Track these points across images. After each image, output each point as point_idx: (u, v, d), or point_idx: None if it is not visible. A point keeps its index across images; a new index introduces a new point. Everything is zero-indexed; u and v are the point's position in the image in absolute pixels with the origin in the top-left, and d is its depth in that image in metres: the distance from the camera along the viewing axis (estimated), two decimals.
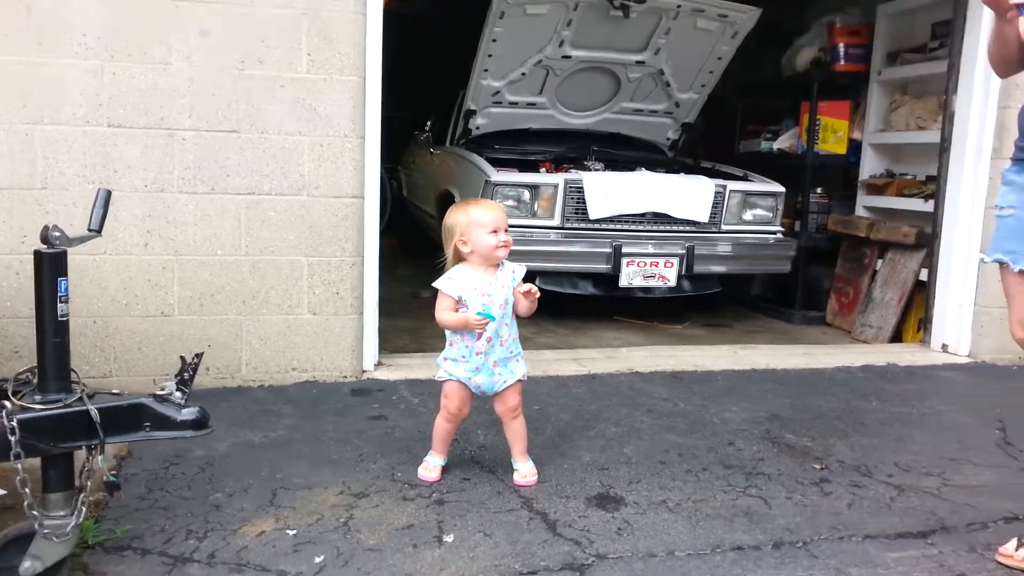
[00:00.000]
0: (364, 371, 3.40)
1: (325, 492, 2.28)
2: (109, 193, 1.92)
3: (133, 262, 3.08)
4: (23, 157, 2.94)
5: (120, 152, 3.03)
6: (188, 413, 1.85)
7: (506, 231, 2.29)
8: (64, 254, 1.81)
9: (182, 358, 1.91)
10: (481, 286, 2.28)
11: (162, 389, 1.88)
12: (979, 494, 2.41)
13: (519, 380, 2.38)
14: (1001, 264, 2.12)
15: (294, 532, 2.04)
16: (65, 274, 1.80)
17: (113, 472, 2.03)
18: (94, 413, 1.73)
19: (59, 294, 1.79)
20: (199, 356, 1.90)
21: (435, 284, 2.31)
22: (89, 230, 1.88)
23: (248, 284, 3.20)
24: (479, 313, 2.25)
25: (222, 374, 3.20)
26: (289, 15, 3.10)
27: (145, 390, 1.87)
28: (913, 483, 2.48)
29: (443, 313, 2.30)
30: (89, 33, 2.95)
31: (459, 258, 2.32)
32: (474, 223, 2.26)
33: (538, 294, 2.33)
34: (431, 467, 2.42)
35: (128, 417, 1.81)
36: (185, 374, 1.88)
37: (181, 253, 3.13)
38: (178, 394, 1.87)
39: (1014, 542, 2.00)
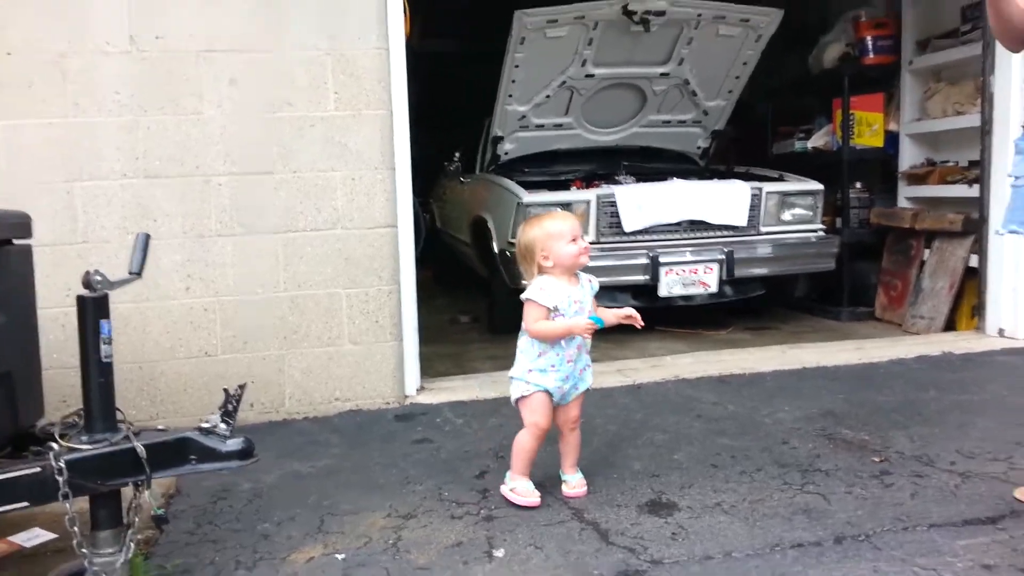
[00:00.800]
0: (407, 396, 3.41)
1: (373, 515, 2.27)
2: (148, 236, 1.96)
3: (175, 306, 3.15)
4: (64, 214, 3.04)
5: (158, 202, 3.12)
6: (233, 444, 1.87)
7: (583, 237, 2.28)
8: (106, 297, 1.84)
9: (225, 390, 1.93)
10: (573, 294, 2.27)
11: (206, 422, 1.90)
12: None
13: (587, 389, 2.38)
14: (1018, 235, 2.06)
15: (343, 556, 2.04)
16: (107, 316, 1.84)
17: (161, 508, 2.05)
18: (140, 449, 1.75)
19: (102, 335, 1.83)
20: (242, 387, 1.92)
21: (527, 295, 2.26)
22: (130, 273, 1.92)
23: (288, 319, 3.24)
24: (592, 318, 2.22)
25: (266, 408, 3.24)
26: (314, 56, 3.18)
27: None
28: (978, 469, 2.38)
29: (541, 323, 2.24)
30: (122, 91, 3.06)
31: (540, 273, 2.30)
32: (553, 235, 2.25)
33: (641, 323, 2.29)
34: (529, 491, 2.30)
35: (174, 451, 1.84)
36: (229, 406, 1.90)
37: (221, 294, 3.19)
38: (223, 426, 1.89)
39: None
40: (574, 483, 2.38)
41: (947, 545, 1.92)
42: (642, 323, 2.29)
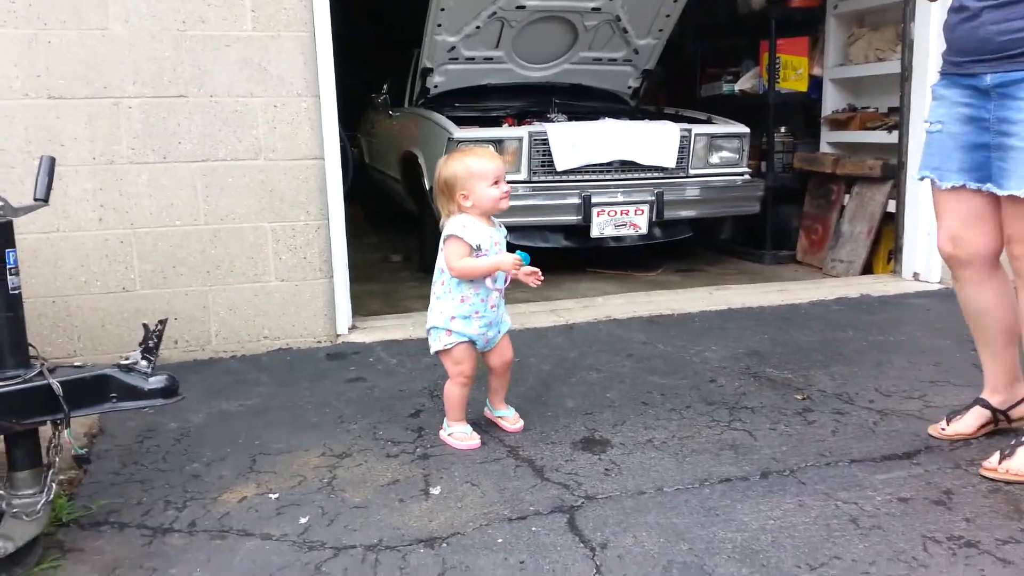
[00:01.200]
0: (339, 335, 3.34)
1: (306, 455, 2.23)
2: (53, 160, 1.82)
3: (88, 238, 2.97)
4: None
5: (64, 125, 2.90)
6: (156, 381, 1.79)
7: (505, 180, 2.20)
8: (10, 224, 1.72)
9: (145, 326, 1.83)
10: (494, 235, 2.21)
11: (127, 359, 1.81)
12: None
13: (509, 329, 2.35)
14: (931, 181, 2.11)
15: (276, 495, 1.99)
16: (13, 245, 1.72)
17: (83, 448, 1.95)
18: (56, 386, 1.66)
19: (8, 266, 1.71)
20: (163, 323, 1.83)
21: (449, 231, 2.16)
22: (35, 199, 1.79)
23: (211, 253, 3.10)
24: (519, 253, 2.15)
25: (191, 347, 3.12)
26: None
27: None
28: (895, 407, 2.49)
29: (465, 261, 2.13)
30: (19, 2, 2.80)
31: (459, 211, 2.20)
32: (475, 175, 2.14)
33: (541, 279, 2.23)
34: (468, 434, 2.28)
35: (93, 389, 1.75)
36: (150, 342, 1.81)
37: (137, 225, 3.02)
38: (144, 363, 1.80)
39: (997, 455, 2.02)
40: (512, 417, 2.39)
41: (867, 479, 2.02)
42: (539, 282, 2.22)
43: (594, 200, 4.42)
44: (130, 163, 2.99)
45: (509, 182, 4.40)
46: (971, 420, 2.21)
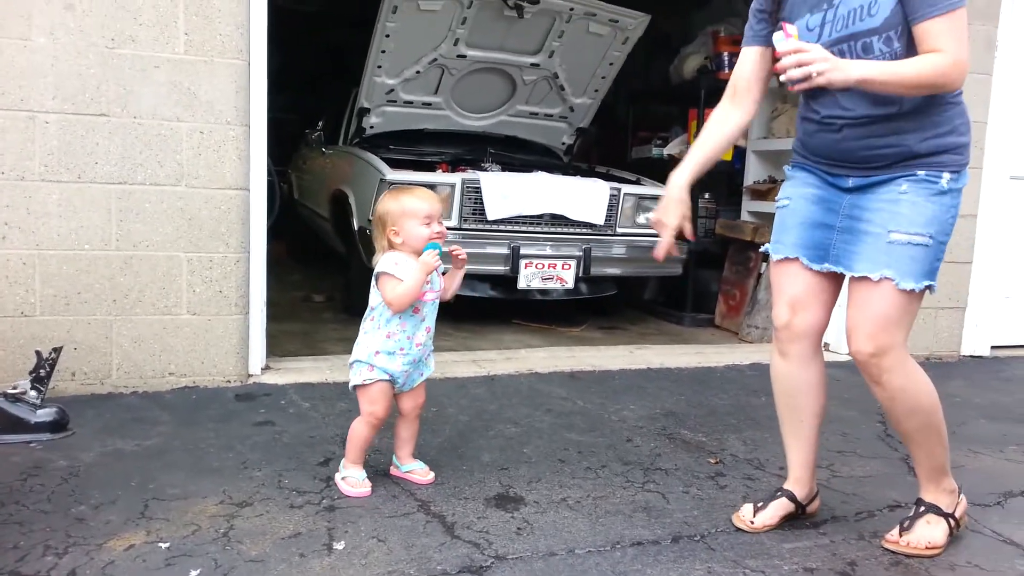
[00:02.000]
0: (250, 375, 3.21)
1: (204, 502, 2.11)
2: None
3: None
4: None
5: None
6: (45, 414, 1.68)
7: (439, 221, 2.19)
8: None
9: (38, 353, 1.72)
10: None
11: (14, 387, 1.69)
12: (865, 484, 2.49)
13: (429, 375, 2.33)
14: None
15: (167, 545, 1.87)
16: None
17: None
18: None
19: None
20: (57, 351, 1.72)
21: (381, 268, 2.15)
22: None
23: (119, 281, 2.96)
24: (427, 248, 2.12)
25: (90, 379, 2.95)
26: None
27: None
28: None
29: (398, 288, 2.12)
30: None
31: (391, 248, 2.20)
32: (407, 213, 2.15)
33: (465, 257, 2.27)
34: (360, 481, 2.22)
35: None
36: (41, 370, 1.71)
37: (43, 247, 2.86)
38: (33, 393, 1.69)
39: (897, 528, 2.07)
40: (422, 470, 2.34)
41: (775, 548, 2.03)
42: (464, 256, 2.26)
43: (523, 251, 4.44)
44: (42, 180, 2.84)
45: None
46: (775, 511, 2.13)
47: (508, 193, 4.47)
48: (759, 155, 5.51)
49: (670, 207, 2.07)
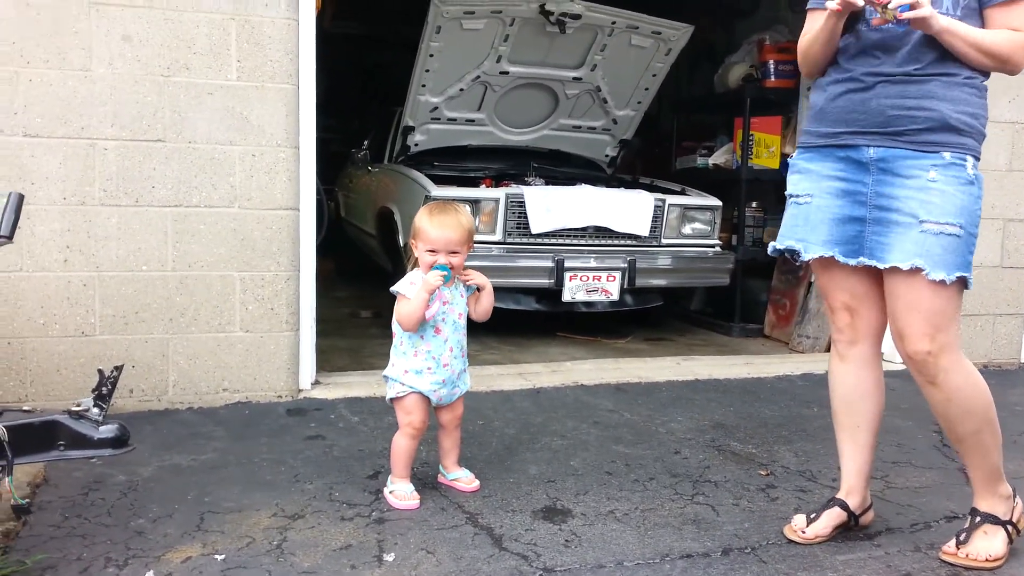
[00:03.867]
0: (301, 390, 3.28)
1: (257, 515, 2.16)
2: (21, 196, 1.80)
3: (51, 279, 2.91)
4: None
5: (37, 163, 2.87)
6: (107, 430, 1.74)
7: (455, 251, 2.20)
8: None
9: (100, 371, 1.78)
10: (442, 293, 2.22)
11: (78, 405, 1.76)
12: (920, 495, 2.43)
13: (467, 390, 2.37)
14: (792, 253, 2.05)
15: (223, 557, 1.92)
16: None
17: (24, 498, 1.87)
18: (0, 431, 1.60)
19: None
20: (119, 369, 1.78)
21: (395, 288, 2.21)
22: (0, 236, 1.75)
23: (175, 301, 3.05)
24: (435, 268, 2.16)
25: (147, 396, 3.04)
26: (216, 20, 3.00)
27: None
28: None
29: (400, 307, 2.18)
30: (2, 39, 2.80)
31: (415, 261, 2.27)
32: (421, 236, 2.21)
33: (480, 282, 2.27)
34: (408, 494, 2.25)
35: (40, 435, 1.70)
36: (103, 388, 1.77)
37: (103, 269, 2.97)
38: (95, 410, 1.75)
39: (954, 540, 2.01)
40: (467, 478, 2.37)
41: (827, 560, 1.99)
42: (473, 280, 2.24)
43: (567, 264, 4.44)
44: (101, 205, 2.95)
45: (484, 243, 4.49)
46: (828, 521, 2.09)
47: (552, 206, 4.49)
48: None
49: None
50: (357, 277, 6.52)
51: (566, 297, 4.47)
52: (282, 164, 3.13)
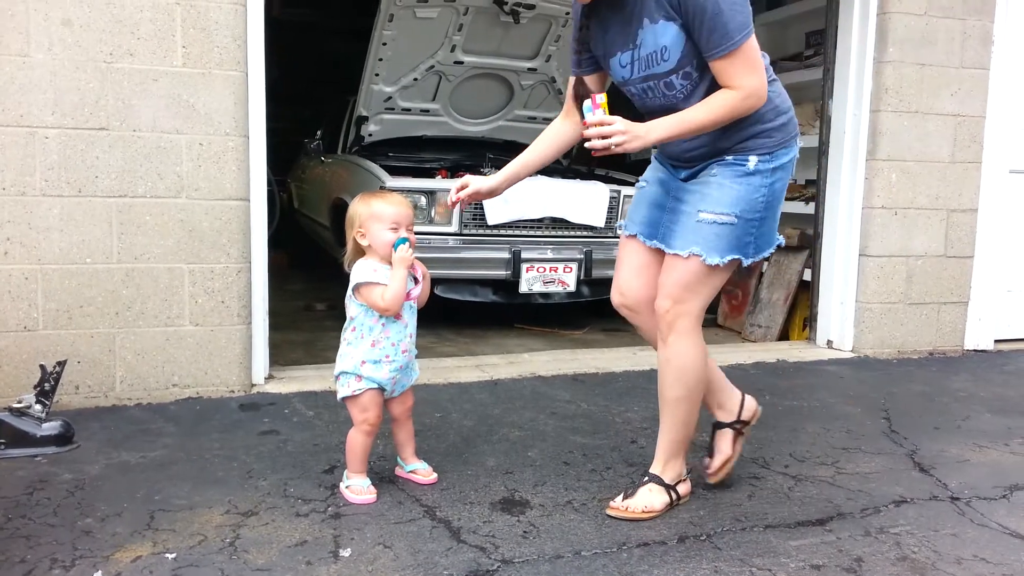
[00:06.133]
0: (254, 385, 3.22)
1: (209, 512, 2.11)
2: None
3: None
4: None
5: None
6: (50, 427, 1.68)
7: (409, 228, 2.19)
8: None
9: (42, 367, 1.73)
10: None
11: (19, 402, 1.70)
12: (871, 480, 2.48)
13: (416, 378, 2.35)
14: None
15: (174, 555, 1.87)
16: None
17: None
18: None
19: None
20: (61, 364, 1.73)
21: (360, 280, 2.16)
22: None
23: (121, 294, 2.97)
24: (397, 244, 2.13)
25: (94, 392, 2.95)
26: (161, 4, 2.92)
27: None
28: (809, 473, 2.53)
29: (386, 293, 2.12)
30: None
31: (359, 252, 2.22)
32: (375, 216, 2.16)
33: (424, 268, 2.27)
34: (364, 488, 2.22)
35: None
36: (46, 384, 1.71)
37: (45, 262, 2.87)
38: (38, 407, 1.70)
39: (621, 495, 2.18)
40: (424, 471, 2.36)
41: (781, 545, 2.03)
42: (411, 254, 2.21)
43: (524, 256, 4.44)
44: (43, 195, 2.86)
45: (440, 234, 4.47)
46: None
47: (508, 198, 4.45)
48: None
49: (481, 190, 2.27)
50: (311, 269, 6.43)
51: (523, 288, 4.48)
52: (231, 153, 3.06)
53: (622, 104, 2.20)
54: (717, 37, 1.88)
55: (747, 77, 1.92)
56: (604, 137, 1.93)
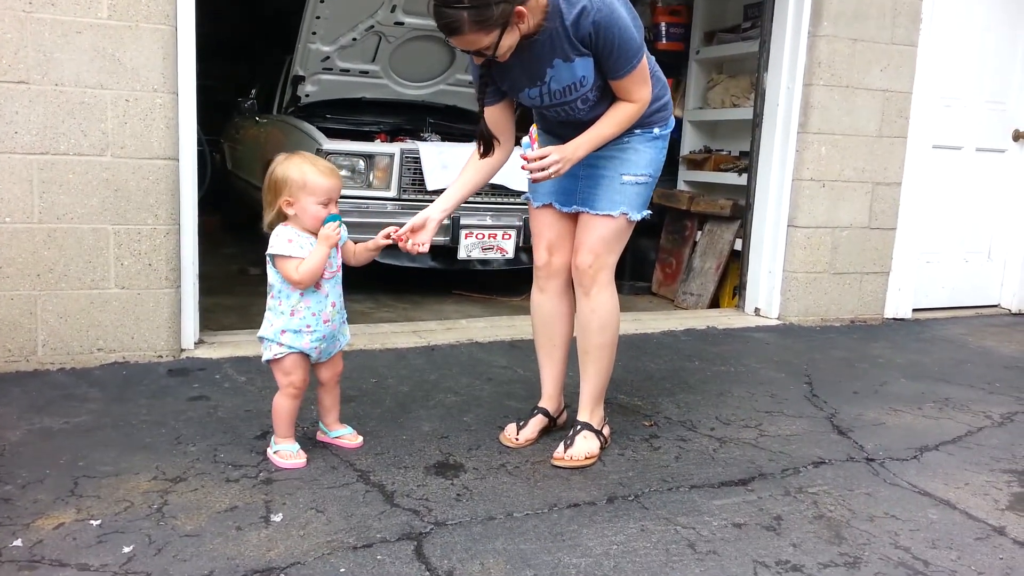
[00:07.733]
0: (183, 350, 3.16)
1: (136, 478, 2.08)
2: None
3: None
4: None
5: None
6: None
7: (336, 203, 2.16)
8: None
9: None
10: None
11: None
12: (791, 442, 2.59)
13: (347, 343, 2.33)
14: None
15: (98, 522, 1.84)
16: None
17: None
18: None
19: None
20: None
21: (276, 251, 2.10)
22: None
23: (43, 255, 2.86)
24: (327, 220, 2.10)
25: (14, 356, 2.86)
26: None
27: None
28: (733, 435, 2.62)
29: (302, 266, 2.08)
30: None
31: (282, 216, 2.16)
32: (308, 188, 2.09)
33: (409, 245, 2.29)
34: (293, 452, 2.21)
35: None
36: None
37: None
38: None
39: (562, 446, 2.34)
40: (349, 435, 2.37)
41: (705, 504, 2.10)
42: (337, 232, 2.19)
43: (463, 222, 4.43)
44: None
45: (379, 198, 4.41)
46: (534, 427, 2.49)
47: (448, 163, 4.45)
48: (695, 125, 5.59)
49: (429, 229, 2.35)
50: (245, 232, 6.28)
51: (461, 255, 4.48)
52: (159, 111, 2.96)
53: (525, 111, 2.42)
54: (621, 62, 2.14)
55: (642, 90, 2.22)
56: (544, 168, 2.13)
